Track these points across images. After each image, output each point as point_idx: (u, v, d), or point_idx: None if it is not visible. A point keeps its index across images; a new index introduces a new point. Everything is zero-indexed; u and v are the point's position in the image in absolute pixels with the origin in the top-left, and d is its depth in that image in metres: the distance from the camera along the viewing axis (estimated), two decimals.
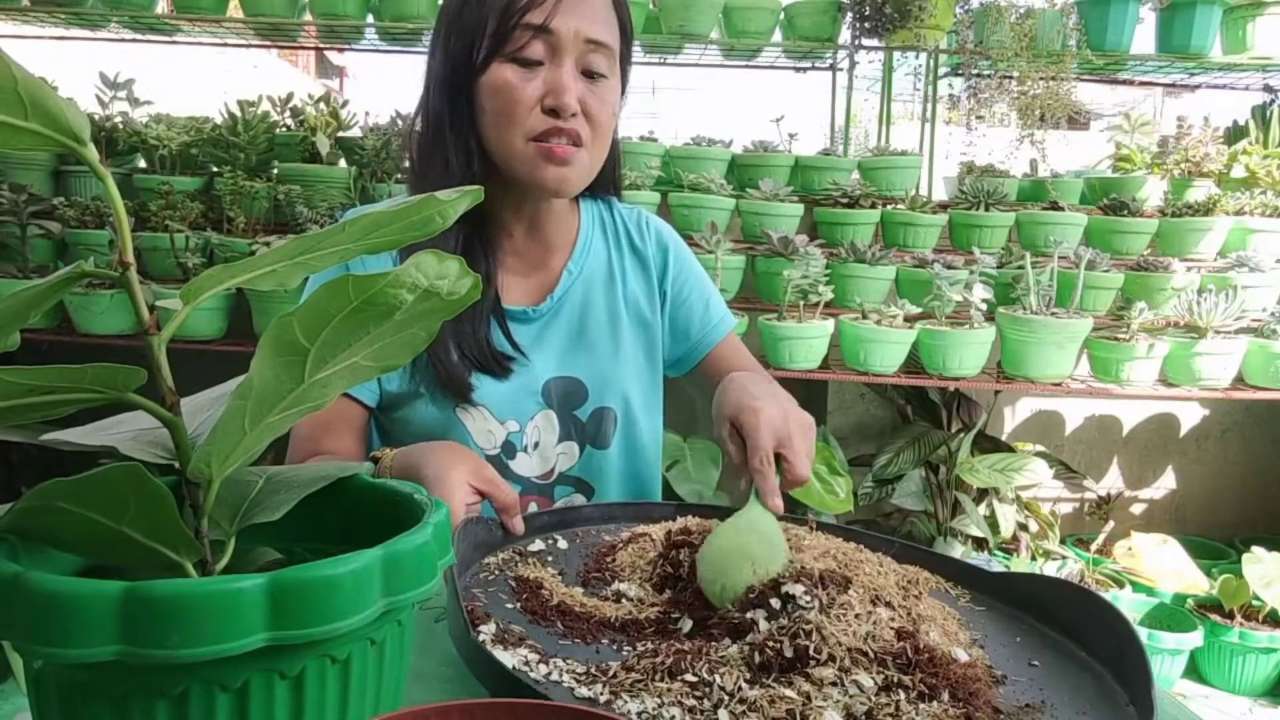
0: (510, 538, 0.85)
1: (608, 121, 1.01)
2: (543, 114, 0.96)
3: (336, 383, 0.46)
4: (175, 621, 0.37)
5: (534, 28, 0.94)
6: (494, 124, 0.98)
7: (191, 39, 2.98)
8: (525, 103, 0.96)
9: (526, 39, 0.95)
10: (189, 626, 0.37)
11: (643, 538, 0.84)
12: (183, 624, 0.37)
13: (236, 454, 0.45)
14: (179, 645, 0.37)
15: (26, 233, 2.25)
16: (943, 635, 0.68)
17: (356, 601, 0.41)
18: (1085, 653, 0.72)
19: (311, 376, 0.44)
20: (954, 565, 0.87)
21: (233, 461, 0.45)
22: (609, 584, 0.77)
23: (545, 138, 0.97)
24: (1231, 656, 2.41)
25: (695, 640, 0.65)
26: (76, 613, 0.37)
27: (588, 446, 1.11)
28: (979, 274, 2.21)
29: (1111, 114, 4.54)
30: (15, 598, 0.38)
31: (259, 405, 0.43)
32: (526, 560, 0.80)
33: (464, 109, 1.00)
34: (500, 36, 0.95)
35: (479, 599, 0.71)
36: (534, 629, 0.67)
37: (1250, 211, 2.58)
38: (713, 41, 2.75)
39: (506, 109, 0.96)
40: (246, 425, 0.44)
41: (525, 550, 0.83)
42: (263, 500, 0.50)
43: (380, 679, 0.46)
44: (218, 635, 0.38)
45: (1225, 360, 2.27)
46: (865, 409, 2.84)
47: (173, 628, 0.37)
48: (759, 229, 2.43)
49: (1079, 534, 2.89)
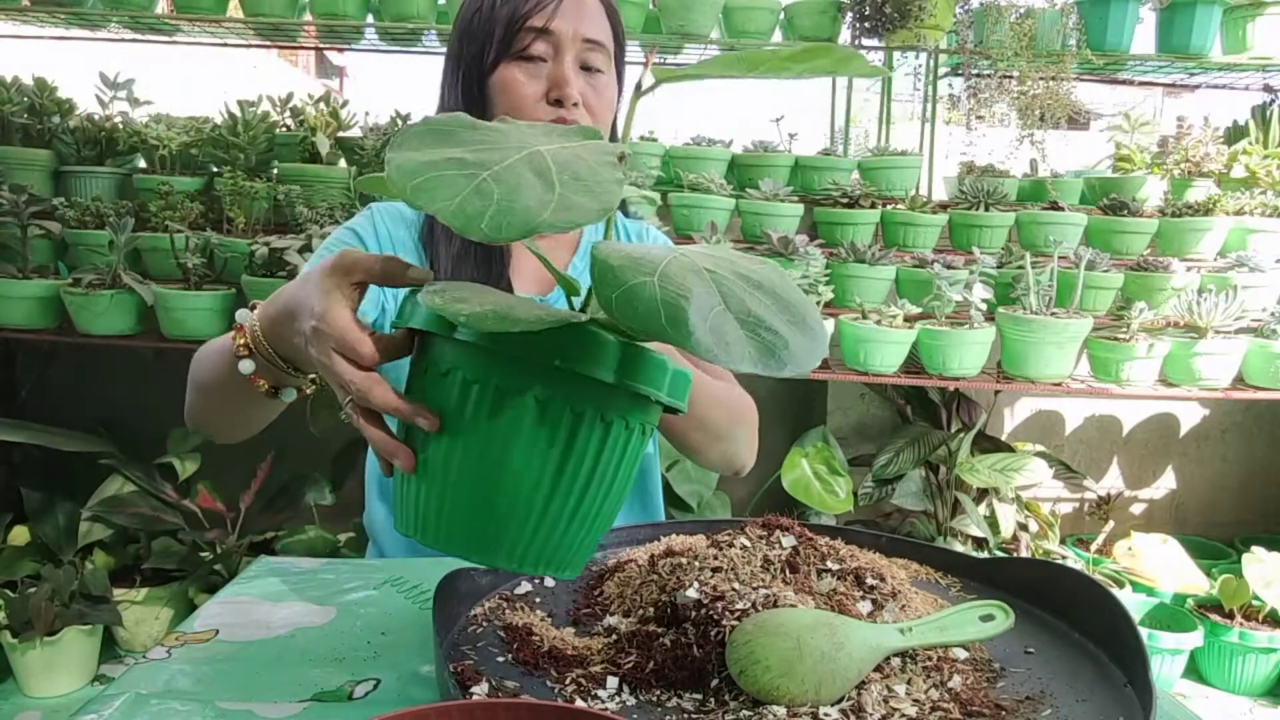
0: (498, 581, 0.80)
1: (606, 114, 1.09)
2: (548, 106, 1.04)
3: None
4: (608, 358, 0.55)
5: (536, 30, 1.03)
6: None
7: (191, 39, 2.98)
8: (531, 97, 1.04)
9: (530, 39, 1.03)
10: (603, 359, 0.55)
11: (628, 564, 0.82)
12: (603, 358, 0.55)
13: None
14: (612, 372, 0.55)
15: (26, 233, 2.25)
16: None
17: (659, 382, 0.57)
18: (1079, 634, 0.72)
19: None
20: (943, 555, 0.88)
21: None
22: (600, 619, 0.75)
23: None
24: (1231, 656, 2.41)
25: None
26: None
27: None
28: (979, 274, 2.21)
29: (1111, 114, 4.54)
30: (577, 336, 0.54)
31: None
32: (514, 605, 0.77)
33: (476, 108, 1.06)
34: (507, 39, 1.03)
35: (469, 656, 0.68)
36: (528, 680, 0.64)
37: (1250, 211, 2.58)
38: (713, 41, 2.75)
39: (515, 103, 1.04)
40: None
41: (512, 595, 0.80)
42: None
43: (629, 471, 0.61)
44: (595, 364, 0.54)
45: (1225, 360, 2.27)
46: (865, 409, 2.84)
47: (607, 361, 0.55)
48: (759, 229, 2.43)
49: (1079, 534, 2.89)
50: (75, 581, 2.16)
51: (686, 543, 0.84)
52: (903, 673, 0.64)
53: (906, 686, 0.62)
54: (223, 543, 2.37)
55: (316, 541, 2.41)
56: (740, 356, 0.47)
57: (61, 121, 2.53)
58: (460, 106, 1.07)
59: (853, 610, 0.70)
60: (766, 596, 0.67)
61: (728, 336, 0.47)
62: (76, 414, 2.56)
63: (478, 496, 0.57)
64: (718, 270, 0.52)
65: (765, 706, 0.59)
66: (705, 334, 0.47)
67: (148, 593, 2.34)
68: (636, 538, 0.93)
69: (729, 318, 0.48)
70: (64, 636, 2.12)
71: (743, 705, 0.60)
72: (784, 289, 0.53)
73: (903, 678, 0.64)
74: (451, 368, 0.56)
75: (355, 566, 0.95)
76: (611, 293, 0.47)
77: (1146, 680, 0.59)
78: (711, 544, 0.77)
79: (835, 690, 0.60)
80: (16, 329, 2.26)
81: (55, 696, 2.15)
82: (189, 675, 0.69)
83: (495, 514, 0.57)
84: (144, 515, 2.35)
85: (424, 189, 0.48)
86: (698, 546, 0.79)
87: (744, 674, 0.60)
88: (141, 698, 0.65)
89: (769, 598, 0.67)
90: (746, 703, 0.60)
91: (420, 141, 0.53)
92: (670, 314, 0.46)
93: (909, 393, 2.70)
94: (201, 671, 0.69)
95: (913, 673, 0.64)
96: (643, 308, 0.47)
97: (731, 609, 0.66)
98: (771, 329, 0.49)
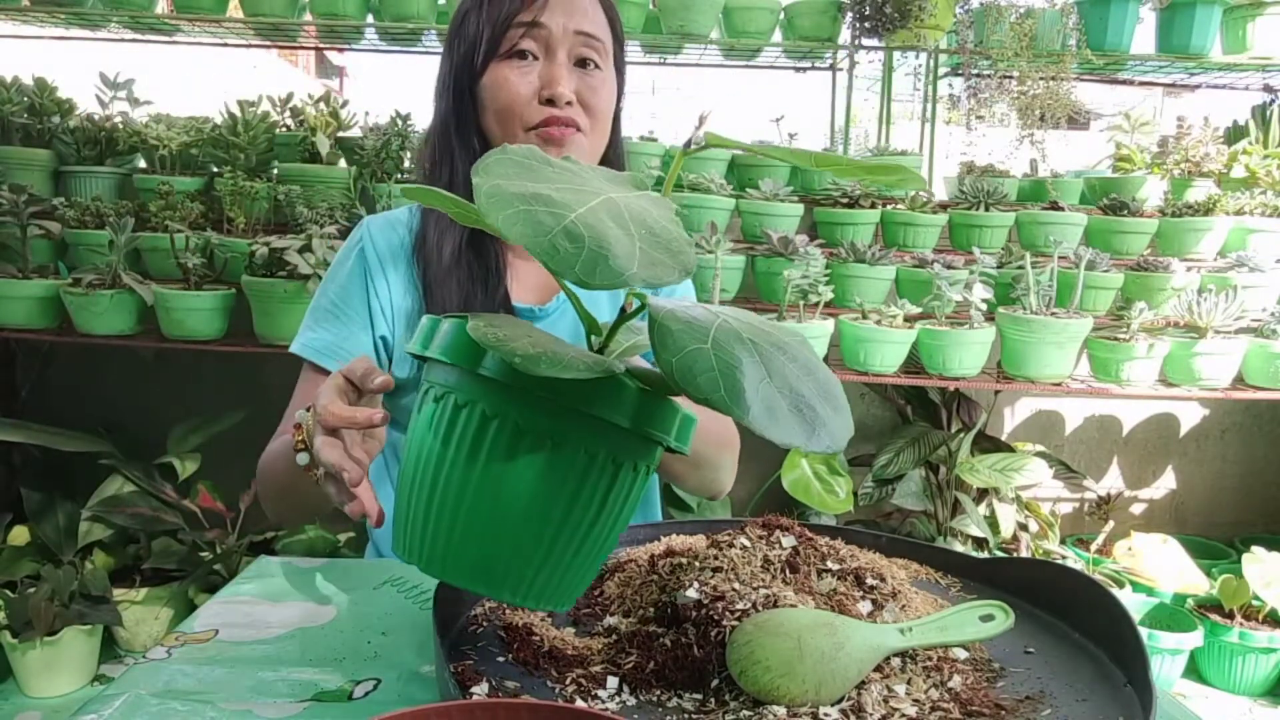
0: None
1: (604, 109, 1.06)
2: (540, 105, 1.02)
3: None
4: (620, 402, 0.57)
5: (526, 25, 1.01)
6: (496, 119, 1.04)
7: (191, 39, 2.98)
8: (523, 96, 1.02)
9: (519, 35, 1.01)
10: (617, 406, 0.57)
11: (628, 564, 0.82)
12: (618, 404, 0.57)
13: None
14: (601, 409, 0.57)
15: (26, 233, 2.25)
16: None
17: (670, 427, 0.60)
18: (1079, 634, 0.72)
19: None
20: (942, 555, 0.88)
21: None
22: (600, 619, 0.75)
23: (543, 126, 1.02)
24: (1231, 656, 2.41)
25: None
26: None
27: None
28: (979, 274, 2.21)
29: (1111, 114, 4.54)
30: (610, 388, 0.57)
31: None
32: (514, 605, 0.76)
33: (469, 110, 1.06)
34: (496, 38, 1.01)
35: (469, 656, 0.68)
36: (528, 680, 0.65)
37: (1250, 211, 2.58)
38: (713, 41, 2.75)
39: (506, 103, 1.02)
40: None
41: None
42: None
43: (631, 510, 0.62)
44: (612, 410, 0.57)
45: (1225, 360, 2.27)
46: (865, 409, 2.84)
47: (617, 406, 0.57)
48: (759, 229, 2.43)
49: (1079, 534, 2.89)
50: (75, 581, 2.16)
51: (686, 543, 0.84)
52: (903, 673, 0.64)
53: (906, 686, 0.62)
54: (223, 543, 2.37)
55: (316, 541, 2.41)
56: (789, 432, 0.49)
57: (61, 121, 2.53)
58: (453, 110, 1.06)
59: (853, 610, 0.70)
60: (766, 596, 0.67)
61: (777, 411, 0.49)
62: (76, 414, 2.56)
63: (487, 531, 0.57)
64: (756, 340, 0.53)
65: (765, 706, 0.59)
66: (760, 408, 0.48)
67: (148, 593, 2.34)
68: (636, 538, 0.92)
69: (774, 390, 0.50)
70: (64, 637, 2.12)
71: (743, 705, 0.60)
72: (814, 364, 0.56)
73: (903, 678, 0.64)
74: (471, 400, 0.57)
75: (355, 566, 0.95)
76: (672, 357, 0.49)
77: (1146, 680, 0.59)
78: (711, 544, 0.77)
79: (835, 690, 0.60)
80: (16, 329, 2.26)
81: (55, 697, 2.15)
82: (189, 675, 0.69)
83: (503, 548, 0.58)
84: (144, 515, 2.35)
85: (515, 222, 0.49)
86: (698, 546, 0.79)
87: (744, 674, 0.60)
88: (141, 698, 0.65)
89: (769, 598, 0.67)
90: (746, 703, 0.60)
91: (504, 171, 0.53)
92: (729, 385, 0.48)
93: (909, 393, 2.69)
94: (201, 671, 0.69)
95: (913, 673, 0.64)
96: (703, 379, 0.48)
97: (731, 609, 0.66)
98: (810, 405, 0.51)
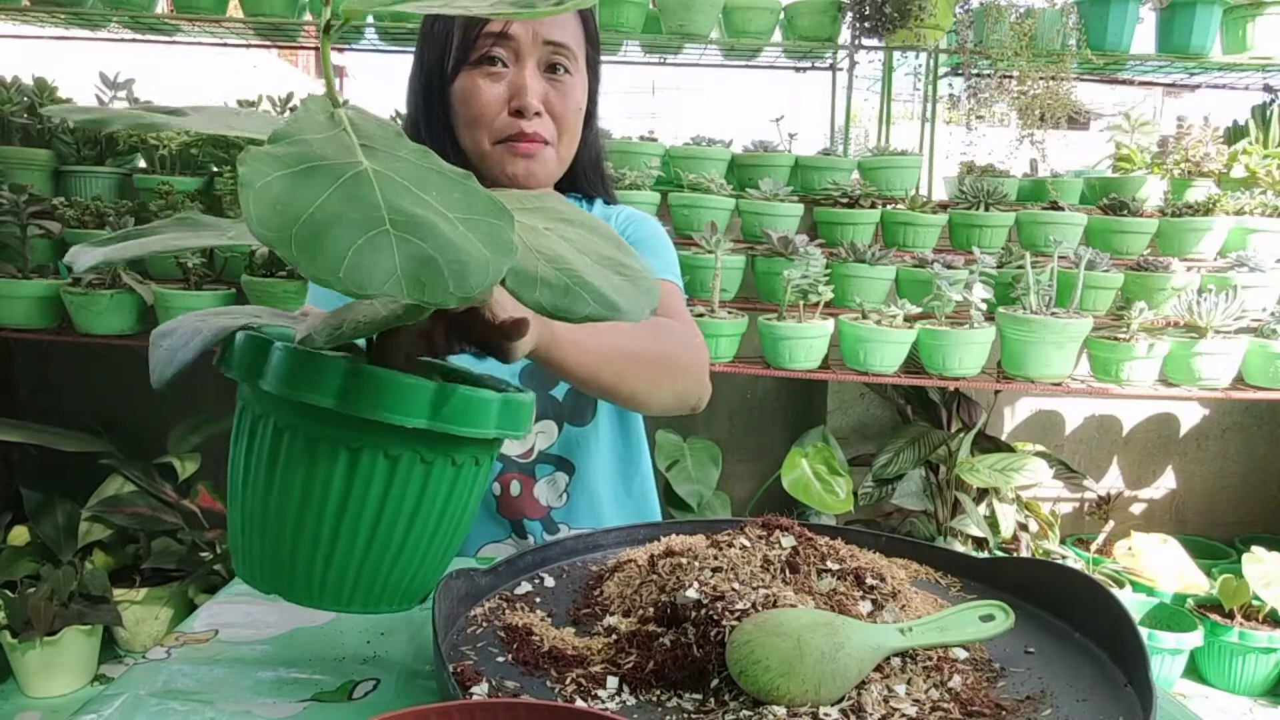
0: (497, 581, 0.81)
1: (574, 118, 1.06)
2: (509, 116, 1.02)
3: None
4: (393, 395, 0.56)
5: (494, 34, 1.00)
6: (465, 127, 1.04)
7: (191, 39, 2.98)
8: (491, 106, 1.01)
9: (489, 45, 1.01)
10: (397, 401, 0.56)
11: (628, 564, 0.82)
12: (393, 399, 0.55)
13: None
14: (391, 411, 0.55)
15: (26, 233, 2.25)
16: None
17: (483, 420, 0.58)
18: (1079, 634, 0.72)
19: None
20: (942, 555, 0.87)
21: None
22: (600, 619, 0.74)
23: (511, 141, 1.02)
24: (1231, 656, 2.41)
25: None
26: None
27: (565, 424, 1.12)
28: (979, 274, 2.21)
29: (1111, 114, 4.54)
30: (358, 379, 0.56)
31: None
32: (514, 606, 0.77)
33: (439, 115, 1.06)
34: (466, 46, 1.01)
35: (469, 657, 0.68)
36: (528, 680, 0.64)
37: (1250, 211, 2.58)
38: (713, 41, 2.75)
39: (474, 112, 1.02)
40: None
41: (512, 595, 0.80)
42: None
43: (465, 504, 0.62)
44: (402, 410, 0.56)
45: (1225, 360, 2.27)
46: (865, 409, 2.84)
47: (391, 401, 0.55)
48: (759, 229, 2.43)
49: (1079, 534, 2.89)
50: (75, 581, 2.16)
51: (686, 543, 0.84)
52: (903, 673, 0.64)
53: (906, 686, 0.62)
54: (223, 543, 2.37)
55: None
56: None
57: (61, 121, 2.53)
58: (422, 115, 1.07)
59: (853, 610, 0.70)
60: (766, 596, 0.67)
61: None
62: (76, 414, 2.56)
63: (295, 537, 0.59)
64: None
65: (765, 706, 0.59)
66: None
67: (147, 593, 2.34)
68: (636, 538, 0.92)
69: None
70: (64, 636, 2.12)
71: (743, 705, 0.60)
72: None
73: (903, 678, 0.64)
74: (263, 414, 0.59)
75: None
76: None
77: (1146, 680, 0.59)
78: (711, 544, 0.77)
79: (835, 690, 0.60)
80: (16, 329, 2.26)
81: (55, 697, 2.15)
82: (189, 675, 0.69)
83: (290, 553, 0.59)
84: (143, 515, 2.35)
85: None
86: (697, 546, 0.79)
87: (744, 674, 0.60)
88: (141, 698, 0.65)
89: (769, 598, 0.67)
90: (746, 703, 0.60)
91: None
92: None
93: (909, 392, 2.69)
94: (201, 671, 0.69)
95: (913, 673, 0.64)
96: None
97: (731, 609, 0.66)
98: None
